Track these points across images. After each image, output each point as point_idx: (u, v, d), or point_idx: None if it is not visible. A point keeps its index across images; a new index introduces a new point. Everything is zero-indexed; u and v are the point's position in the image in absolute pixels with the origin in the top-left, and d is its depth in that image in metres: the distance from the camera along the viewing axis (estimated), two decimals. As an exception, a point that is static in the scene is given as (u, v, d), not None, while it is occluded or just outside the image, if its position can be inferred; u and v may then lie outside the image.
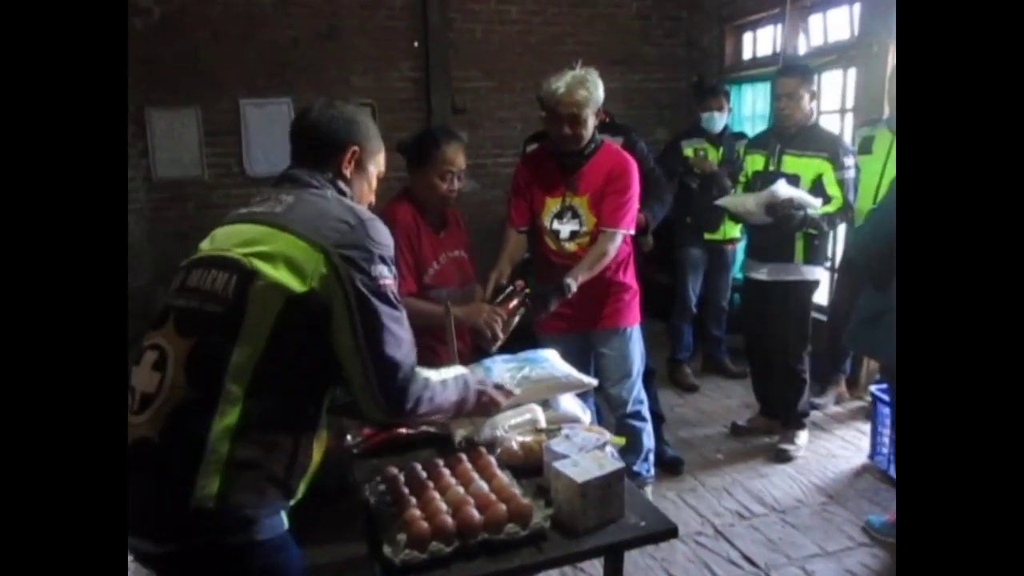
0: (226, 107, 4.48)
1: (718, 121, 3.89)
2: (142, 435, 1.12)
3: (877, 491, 2.86)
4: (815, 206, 2.90)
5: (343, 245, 1.18)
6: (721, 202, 3.21)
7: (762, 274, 3.15)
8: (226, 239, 1.24)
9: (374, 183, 1.45)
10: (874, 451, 3.07)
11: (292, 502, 1.21)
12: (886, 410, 2.93)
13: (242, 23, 4.45)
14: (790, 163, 3.03)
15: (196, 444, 1.08)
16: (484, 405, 1.54)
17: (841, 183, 2.97)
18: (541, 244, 2.47)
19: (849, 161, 2.99)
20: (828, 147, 2.98)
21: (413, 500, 1.42)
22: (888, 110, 3.16)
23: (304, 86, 4.54)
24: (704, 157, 3.85)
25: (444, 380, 1.39)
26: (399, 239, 2.09)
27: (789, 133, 3.03)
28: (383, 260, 1.22)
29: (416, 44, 4.74)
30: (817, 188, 2.97)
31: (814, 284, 3.16)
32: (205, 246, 1.28)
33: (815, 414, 3.63)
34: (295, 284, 1.14)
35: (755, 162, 3.17)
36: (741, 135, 4.07)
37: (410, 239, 2.13)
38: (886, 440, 2.97)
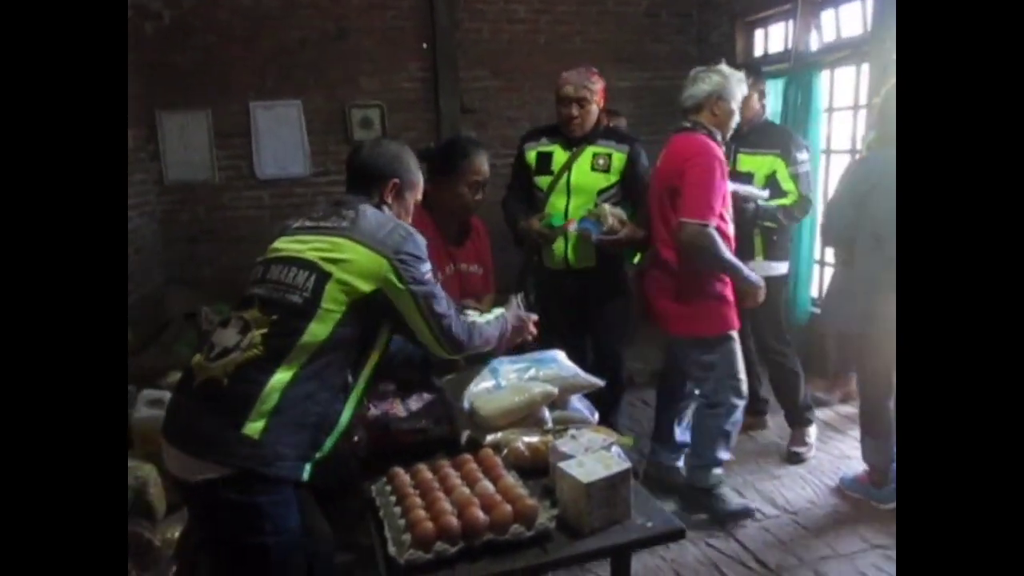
0: (236, 109, 4.50)
1: None
2: (213, 376, 1.39)
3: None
4: (762, 196, 2.96)
5: (399, 252, 1.50)
6: None
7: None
8: (299, 244, 1.52)
9: (411, 209, 1.75)
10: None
11: (318, 455, 1.45)
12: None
13: (251, 26, 4.47)
14: (744, 161, 3.07)
15: (256, 389, 1.36)
16: (517, 331, 1.86)
17: (795, 178, 3.02)
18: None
19: (802, 156, 3.04)
20: (779, 144, 3.04)
21: (419, 500, 1.41)
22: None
23: (313, 88, 4.56)
24: None
25: (488, 320, 1.78)
26: None
27: (741, 132, 3.03)
28: (424, 260, 1.56)
29: (424, 45, 4.74)
30: (772, 184, 3.03)
31: (779, 279, 3.14)
32: (281, 246, 1.55)
33: (828, 413, 3.59)
34: (364, 285, 1.46)
35: None
36: None
37: None
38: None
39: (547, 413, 1.74)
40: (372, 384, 1.60)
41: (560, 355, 1.95)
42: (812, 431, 3.22)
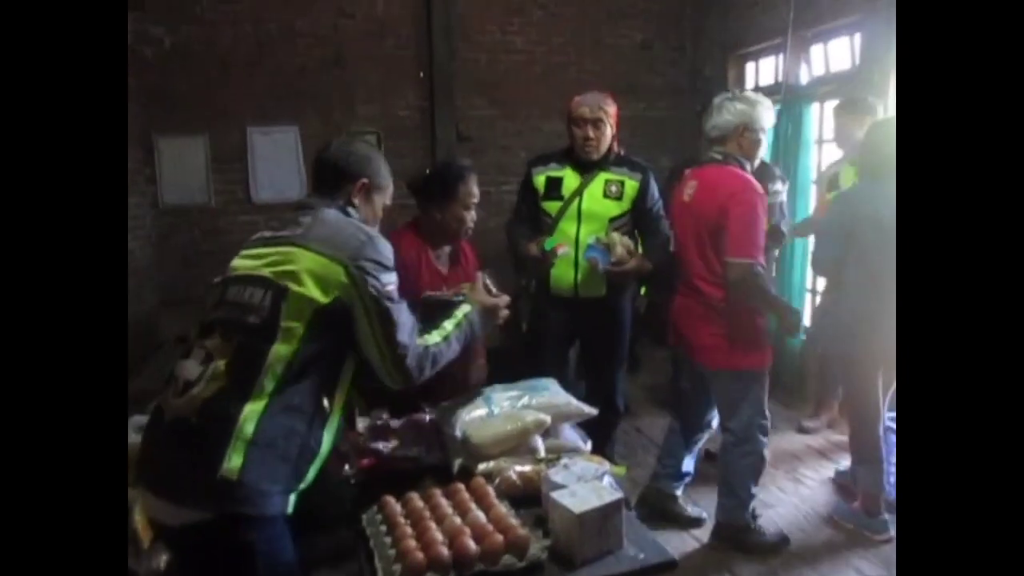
0: (233, 134, 4.54)
1: None
2: (180, 415, 1.32)
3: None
4: None
5: (358, 257, 1.40)
6: None
7: None
8: (256, 259, 1.43)
9: (379, 213, 1.65)
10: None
11: (301, 485, 1.37)
12: (894, 439, 2.89)
13: (251, 52, 4.52)
14: None
15: (228, 424, 1.28)
16: (486, 319, 1.74)
17: (769, 208, 2.97)
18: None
19: (776, 187, 3.09)
20: (755, 174, 3.03)
21: (409, 530, 1.40)
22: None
23: (311, 114, 4.60)
24: None
25: (447, 337, 1.59)
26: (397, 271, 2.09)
27: None
28: (388, 268, 1.45)
29: (422, 73, 4.80)
30: None
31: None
32: (237, 264, 1.47)
33: (819, 441, 3.58)
34: (321, 296, 1.36)
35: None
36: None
37: (408, 272, 2.12)
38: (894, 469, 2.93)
39: (540, 442, 1.74)
40: (350, 406, 1.58)
41: (553, 383, 1.95)
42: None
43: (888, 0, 3.49)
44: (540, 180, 2.78)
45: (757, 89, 4.84)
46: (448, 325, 1.61)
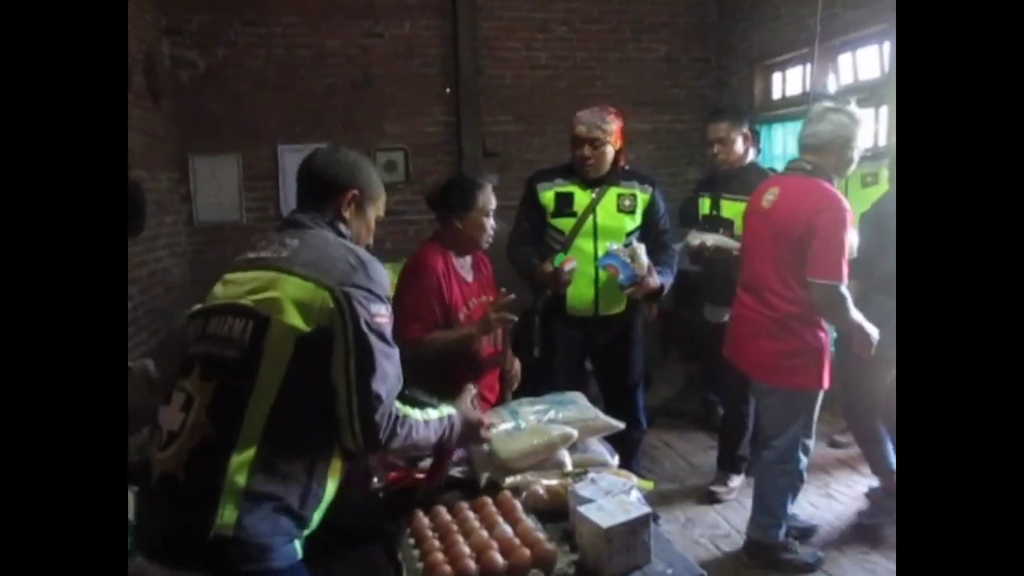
0: (265, 153, 4.65)
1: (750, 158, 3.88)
2: (167, 470, 1.21)
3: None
4: (734, 247, 2.83)
5: (346, 283, 1.26)
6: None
7: (724, 317, 2.96)
8: (238, 286, 1.31)
9: (372, 225, 1.53)
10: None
11: (306, 532, 1.26)
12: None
13: (282, 74, 4.64)
14: (727, 208, 3.02)
15: (216, 478, 1.16)
16: (464, 436, 1.58)
17: None
18: None
19: None
20: None
21: (437, 544, 1.41)
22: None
23: (340, 132, 4.69)
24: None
25: (427, 419, 1.42)
26: (429, 286, 2.13)
27: (725, 176, 3.02)
28: (380, 299, 1.30)
29: (448, 90, 4.87)
30: None
31: None
32: (219, 292, 1.35)
33: (850, 454, 3.51)
34: (303, 324, 1.23)
35: (704, 205, 3.15)
36: (770, 171, 4.05)
37: (440, 286, 2.16)
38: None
39: (567, 456, 1.74)
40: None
41: (580, 397, 1.95)
42: (738, 479, 3.20)
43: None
44: (548, 196, 2.66)
45: (784, 99, 4.81)
46: (432, 413, 1.45)
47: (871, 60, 4.08)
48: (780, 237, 2.32)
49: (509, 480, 1.67)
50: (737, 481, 3.21)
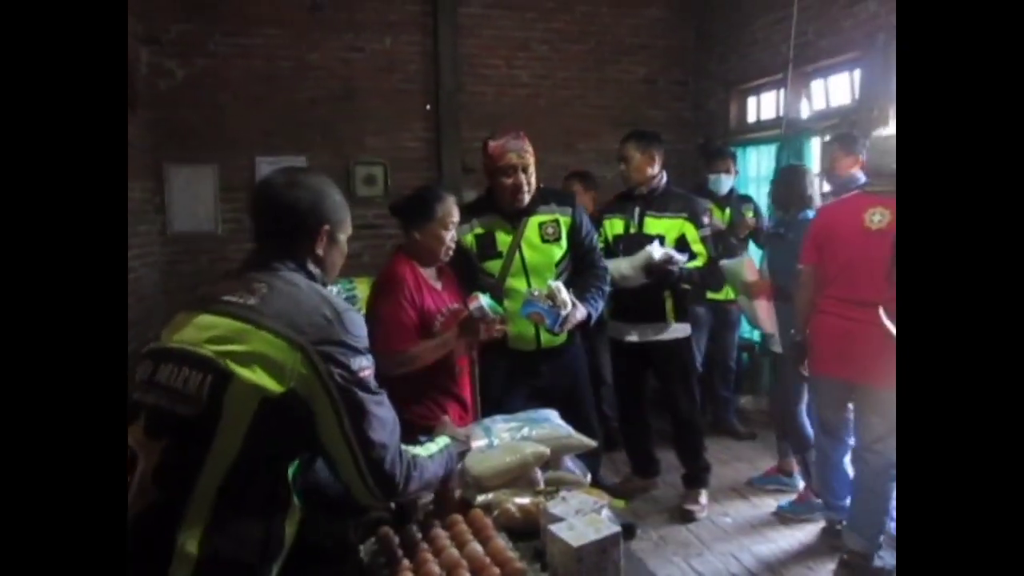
0: (242, 164, 4.62)
1: (725, 183, 3.97)
2: None
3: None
4: (683, 260, 3.00)
5: (321, 342, 1.16)
6: None
7: (634, 336, 3.16)
8: (196, 332, 1.19)
9: (345, 249, 1.41)
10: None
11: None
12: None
13: (262, 85, 4.63)
14: (652, 224, 3.11)
15: (165, 547, 1.08)
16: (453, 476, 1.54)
17: (704, 240, 3.12)
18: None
19: (707, 219, 3.17)
20: (686, 207, 3.12)
21: (406, 562, 1.40)
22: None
23: (320, 145, 4.68)
24: (744, 218, 3.96)
25: (431, 455, 1.38)
26: (403, 295, 2.13)
27: (646, 196, 3.12)
28: (360, 352, 1.22)
29: (428, 106, 4.89)
30: (682, 246, 3.08)
31: (687, 340, 3.22)
32: (173, 335, 1.22)
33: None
34: (272, 384, 1.12)
35: (614, 226, 3.19)
36: (747, 198, 4.13)
37: (413, 297, 2.16)
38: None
39: (539, 474, 1.74)
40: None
41: (553, 415, 1.95)
42: (705, 493, 3.26)
43: (886, 38, 3.56)
44: (469, 240, 2.51)
45: (758, 123, 4.91)
46: (431, 447, 1.41)
47: (843, 87, 4.19)
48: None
49: (481, 498, 1.66)
50: (706, 496, 3.23)
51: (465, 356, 2.30)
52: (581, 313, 2.37)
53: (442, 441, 1.47)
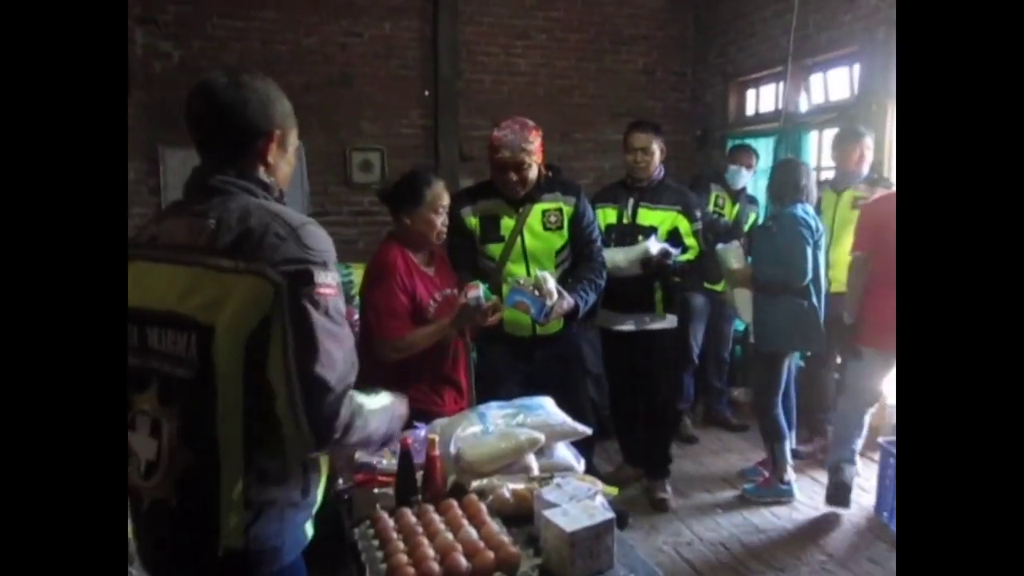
0: (238, 148, 4.59)
1: (744, 177, 3.96)
2: (158, 498, 1.15)
3: (878, 548, 2.81)
4: (676, 254, 3.01)
5: (278, 261, 1.08)
6: None
7: (628, 326, 3.16)
8: (163, 288, 1.14)
9: (293, 161, 1.30)
10: (880, 506, 3.04)
11: (315, 510, 1.23)
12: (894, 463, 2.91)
13: (259, 68, 4.49)
14: (645, 216, 3.11)
15: (211, 498, 1.10)
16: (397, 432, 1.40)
17: (696, 234, 3.12)
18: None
19: (700, 212, 3.18)
20: (680, 200, 3.12)
21: (401, 545, 1.41)
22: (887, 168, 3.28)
23: (316, 130, 4.65)
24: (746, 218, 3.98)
25: (376, 409, 1.26)
26: (395, 282, 2.13)
27: (641, 187, 3.11)
28: (321, 265, 1.11)
29: (427, 93, 4.87)
30: (674, 238, 3.08)
31: (674, 331, 3.27)
32: (144, 296, 1.15)
33: (811, 464, 3.58)
34: (248, 322, 1.07)
35: (606, 215, 3.17)
36: (754, 200, 4.12)
37: (405, 283, 2.16)
38: (889, 494, 2.95)
39: (533, 460, 1.75)
40: None
41: (548, 402, 1.96)
42: (668, 483, 3.33)
43: (885, 32, 3.56)
44: (473, 222, 2.52)
45: (757, 115, 4.91)
46: (377, 400, 1.29)
47: (841, 81, 4.19)
48: None
49: (475, 483, 1.67)
50: (669, 486, 3.29)
51: (459, 340, 2.30)
52: (568, 304, 2.33)
53: (387, 398, 1.33)
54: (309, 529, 1.23)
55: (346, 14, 4.71)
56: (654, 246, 2.94)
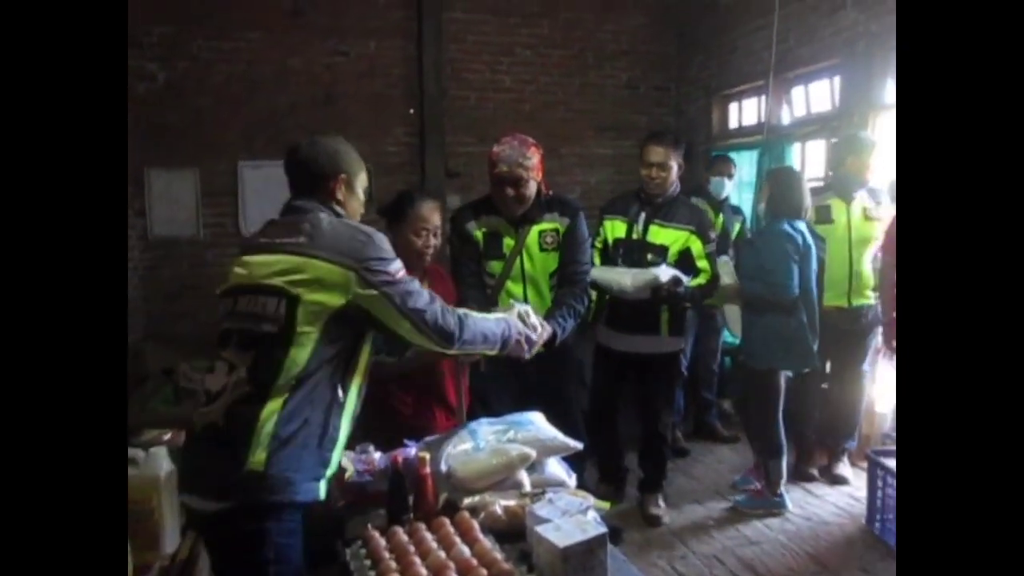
0: (225, 168, 4.58)
1: (726, 186, 3.98)
2: (211, 421, 1.45)
3: (872, 559, 2.81)
4: (688, 282, 2.86)
5: (364, 259, 1.48)
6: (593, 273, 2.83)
7: (624, 346, 3.04)
8: (261, 268, 1.49)
9: (363, 198, 1.72)
10: (871, 517, 3.03)
11: (328, 471, 1.49)
12: (884, 476, 2.91)
13: (243, 89, 4.60)
14: (656, 233, 2.95)
15: (250, 424, 1.40)
16: (518, 345, 1.81)
17: (709, 256, 2.97)
18: None
19: (713, 235, 3.06)
20: (694, 219, 2.96)
21: (393, 564, 1.40)
22: (869, 179, 3.30)
23: (302, 149, 4.66)
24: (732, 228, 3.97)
25: (485, 316, 1.75)
26: None
27: (656, 202, 2.97)
28: (390, 260, 1.54)
29: (412, 111, 4.89)
30: (685, 260, 2.93)
31: (678, 354, 3.21)
32: (241, 272, 1.53)
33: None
34: (334, 300, 1.45)
35: (615, 228, 3.05)
36: (738, 210, 4.14)
37: None
38: (879, 505, 2.94)
39: (525, 476, 1.74)
40: (363, 392, 1.60)
41: (538, 417, 1.95)
42: (663, 498, 3.29)
43: (865, 45, 3.62)
44: (479, 235, 2.52)
45: (740, 129, 4.96)
46: (488, 315, 1.78)
47: (823, 94, 4.25)
48: None
49: (467, 500, 1.66)
50: (663, 501, 3.26)
51: (447, 360, 2.27)
52: (547, 333, 2.16)
53: (499, 313, 1.84)
54: (322, 488, 1.47)
55: (331, 34, 4.73)
56: (664, 273, 2.77)
